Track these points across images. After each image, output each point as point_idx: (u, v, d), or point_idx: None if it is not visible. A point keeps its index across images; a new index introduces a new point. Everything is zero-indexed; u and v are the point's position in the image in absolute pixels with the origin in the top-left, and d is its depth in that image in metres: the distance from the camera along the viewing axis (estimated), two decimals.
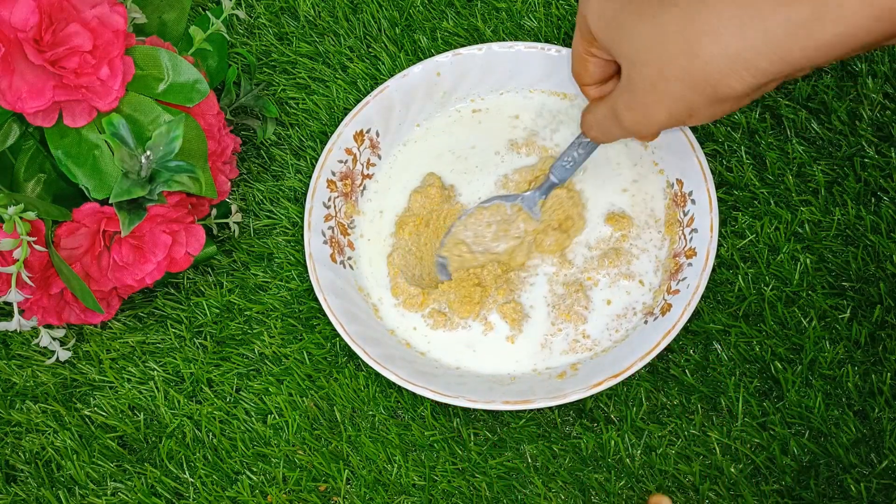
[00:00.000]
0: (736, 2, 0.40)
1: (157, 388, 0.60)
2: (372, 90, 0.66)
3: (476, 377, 0.57)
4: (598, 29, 0.47)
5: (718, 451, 0.54)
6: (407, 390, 0.58)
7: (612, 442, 0.55)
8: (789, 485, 0.53)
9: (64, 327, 0.59)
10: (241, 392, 0.60)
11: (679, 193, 0.60)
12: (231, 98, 0.66)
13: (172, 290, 0.64)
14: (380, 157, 0.65)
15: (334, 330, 0.60)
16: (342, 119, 0.65)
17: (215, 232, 0.64)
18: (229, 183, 0.61)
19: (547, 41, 0.68)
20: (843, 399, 0.55)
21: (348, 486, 0.57)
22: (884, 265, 0.58)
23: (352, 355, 0.60)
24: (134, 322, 0.63)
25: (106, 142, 0.52)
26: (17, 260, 0.50)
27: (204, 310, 0.63)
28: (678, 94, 0.43)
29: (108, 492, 0.58)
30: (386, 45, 0.70)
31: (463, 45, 0.68)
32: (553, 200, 0.61)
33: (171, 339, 0.62)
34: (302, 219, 0.64)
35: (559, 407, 0.57)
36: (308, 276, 0.61)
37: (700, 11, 0.41)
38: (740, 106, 0.44)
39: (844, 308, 0.57)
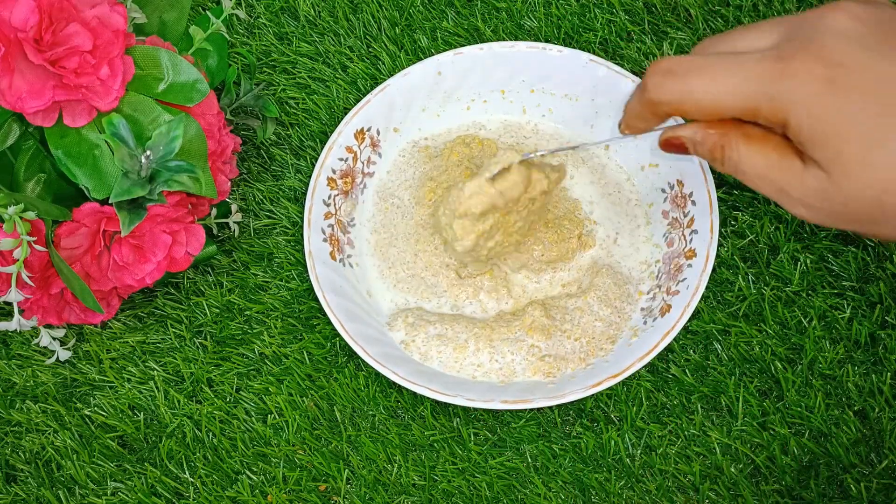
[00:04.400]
0: None
1: (157, 387, 0.60)
2: (372, 90, 0.66)
3: (472, 377, 0.58)
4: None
5: (718, 451, 0.54)
6: (407, 390, 0.58)
7: (612, 442, 0.55)
8: (789, 485, 0.53)
9: (64, 327, 0.59)
10: (241, 392, 0.60)
11: (679, 194, 0.60)
12: (231, 98, 0.66)
13: (172, 290, 0.64)
14: (380, 156, 0.65)
15: (334, 330, 0.60)
16: (342, 119, 0.65)
17: (215, 232, 0.64)
18: (229, 183, 0.61)
19: (547, 41, 0.68)
20: (843, 399, 0.55)
21: (348, 486, 0.57)
22: (884, 265, 0.58)
23: (352, 355, 0.60)
24: (134, 322, 0.63)
25: (106, 142, 0.52)
26: (17, 260, 0.50)
27: (204, 310, 0.63)
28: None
29: (108, 492, 0.58)
30: (386, 45, 0.70)
31: (463, 45, 0.67)
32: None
33: (171, 338, 0.62)
34: (302, 218, 0.64)
35: (559, 406, 0.57)
36: (308, 275, 0.61)
37: None
38: None
39: (844, 308, 0.57)
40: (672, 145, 0.45)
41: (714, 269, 0.59)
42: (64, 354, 0.57)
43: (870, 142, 0.37)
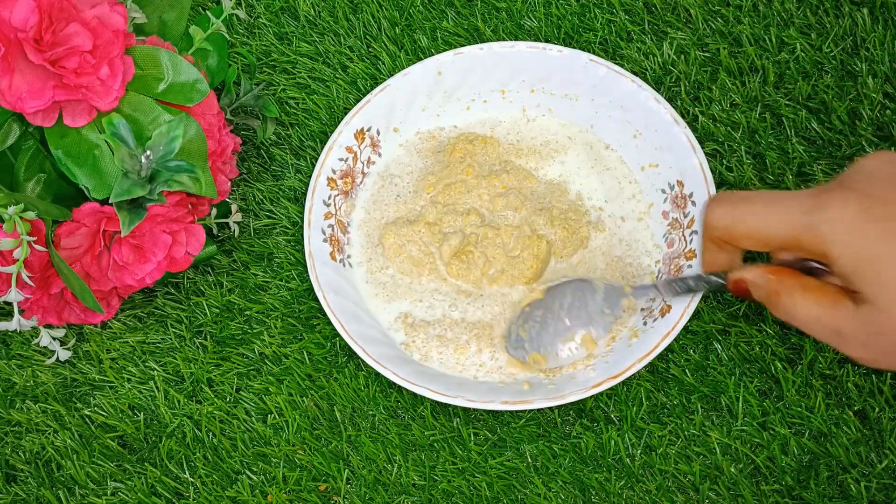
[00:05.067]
0: None
1: (157, 387, 0.60)
2: (372, 90, 0.66)
3: (474, 377, 0.58)
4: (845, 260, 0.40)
5: (718, 451, 0.55)
6: (407, 390, 0.58)
7: (612, 442, 0.55)
8: (789, 485, 0.53)
9: (64, 327, 0.59)
10: (241, 392, 0.60)
11: (679, 195, 0.60)
12: (231, 98, 0.66)
13: (172, 290, 0.64)
14: (380, 156, 0.65)
15: (334, 330, 0.60)
16: (342, 119, 0.65)
17: (215, 232, 0.64)
18: (229, 183, 0.61)
19: (547, 41, 0.68)
20: (843, 399, 0.55)
21: (348, 486, 0.57)
22: None
23: (352, 355, 0.60)
24: (134, 322, 0.63)
25: (106, 142, 0.52)
26: (17, 260, 0.50)
27: (204, 310, 0.63)
28: None
29: (108, 492, 0.58)
30: (386, 45, 0.70)
31: (463, 45, 0.67)
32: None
33: (171, 338, 0.62)
34: (302, 218, 0.64)
35: (559, 407, 0.57)
36: (308, 275, 0.61)
37: None
38: None
39: None
40: (740, 289, 0.48)
41: None
42: (64, 354, 0.57)
43: None
